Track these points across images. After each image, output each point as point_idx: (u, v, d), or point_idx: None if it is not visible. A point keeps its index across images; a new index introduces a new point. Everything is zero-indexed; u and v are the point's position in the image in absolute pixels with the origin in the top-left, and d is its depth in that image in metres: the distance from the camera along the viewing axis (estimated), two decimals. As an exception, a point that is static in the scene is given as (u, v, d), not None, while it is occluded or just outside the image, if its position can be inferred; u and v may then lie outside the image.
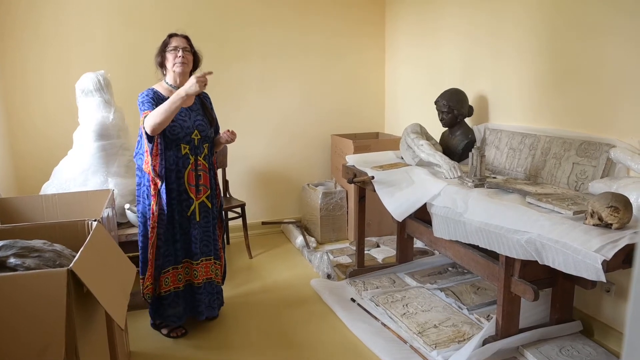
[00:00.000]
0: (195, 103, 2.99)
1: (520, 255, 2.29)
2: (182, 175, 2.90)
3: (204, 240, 3.05)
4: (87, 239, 2.02)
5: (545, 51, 3.10)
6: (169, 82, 2.91)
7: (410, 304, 3.26)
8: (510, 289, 2.60)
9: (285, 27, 4.83)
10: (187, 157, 2.90)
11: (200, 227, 3.00)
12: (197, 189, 2.96)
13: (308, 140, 5.11)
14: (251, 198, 4.93)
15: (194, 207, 2.95)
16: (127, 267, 2.30)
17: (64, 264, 1.94)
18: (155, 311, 3.04)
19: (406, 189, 3.14)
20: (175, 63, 2.84)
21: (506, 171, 3.23)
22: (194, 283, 3.05)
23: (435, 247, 3.33)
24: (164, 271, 2.95)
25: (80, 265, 1.80)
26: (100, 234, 2.20)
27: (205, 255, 3.07)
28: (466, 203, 2.66)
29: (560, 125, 3.01)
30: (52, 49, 4.14)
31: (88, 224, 2.33)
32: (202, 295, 3.06)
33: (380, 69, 5.25)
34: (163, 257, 2.93)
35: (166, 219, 2.88)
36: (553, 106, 3.07)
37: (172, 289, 3.00)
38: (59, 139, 4.03)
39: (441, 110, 3.54)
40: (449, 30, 4.08)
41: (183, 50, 2.86)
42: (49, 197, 2.96)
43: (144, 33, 4.26)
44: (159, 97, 2.83)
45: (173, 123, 2.80)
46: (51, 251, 2.09)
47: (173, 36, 2.90)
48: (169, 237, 2.94)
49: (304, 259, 4.30)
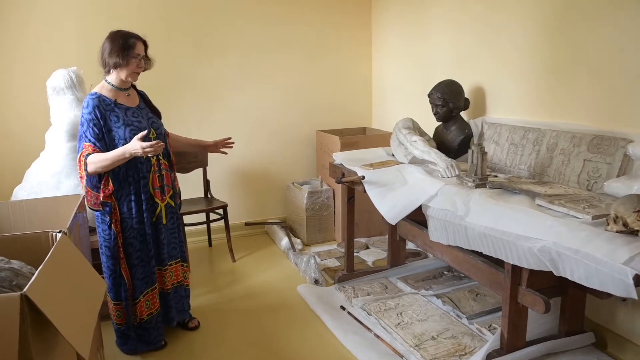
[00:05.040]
0: (140, 101, 2.78)
1: (532, 265, 2.05)
2: (147, 182, 2.68)
3: (172, 243, 2.89)
4: (48, 255, 1.76)
5: (549, 37, 2.86)
6: (112, 82, 2.64)
7: (405, 313, 3.02)
8: (517, 300, 2.36)
9: (265, 19, 4.56)
10: (149, 159, 2.68)
11: (167, 230, 2.82)
12: (162, 191, 2.75)
13: (292, 137, 4.85)
14: (234, 198, 4.67)
15: (159, 209, 2.74)
16: (95, 282, 2.04)
17: (22, 285, 1.69)
18: (140, 340, 2.78)
19: (399, 189, 2.89)
20: (134, 73, 2.62)
21: (507, 169, 2.99)
22: (164, 290, 2.87)
23: (431, 251, 3.09)
24: (144, 294, 2.75)
25: (37, 288, 1.55)
26: (64, 247, 1.94)
27: (174, 258, 2.91)
28: (467, 205, 2.41)
29: (568, 118, 2.77)
30: (22, 44, 3.90)
31: (52, 236, 2.07)
32: (172, 301, 2.90)
33: (366, 61, 4.99)
34: (140, 279, 2.73)
35: (138, 236, 2.69)
36: (559, 97, 2.83)
37: (154, 310, 2.79)
38: (31, 140, 3.75)
39: (435, 104, 3.30)
40: (438, 19, 3.86)
41: (143, 58, 2.64)
42: (16, 203, 2.72)
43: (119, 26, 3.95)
44: (106, 104, 2.58)
45: (130, 126, 2.59)
46: (7, 269, 1.84)
47: (137, 40, 2.62)
48: (144, 256, 2.73)
49: (289, 262, 4.05)
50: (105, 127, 2.54)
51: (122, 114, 2.59)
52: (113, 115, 2.56)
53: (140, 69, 2.63)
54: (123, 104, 2.63)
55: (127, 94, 2.67)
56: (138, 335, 2.77)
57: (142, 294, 2.72)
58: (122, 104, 2.62)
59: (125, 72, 2.59)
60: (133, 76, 2.63)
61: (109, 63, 2.58)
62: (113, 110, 2.57)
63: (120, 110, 2.59)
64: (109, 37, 2.60)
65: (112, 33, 2.61)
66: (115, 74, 2.61)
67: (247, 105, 4.62)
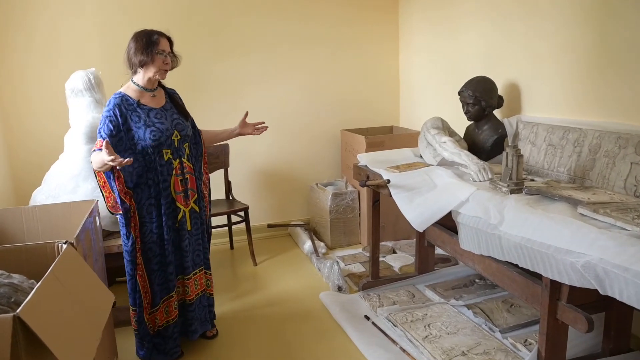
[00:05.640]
0: (166, 101, 2.67)
1: (574, 282, 1.86)
2: (168, 186, 2.57)
3: (196, 251, 2.76)
4: (48, 270, 1.66)
5: (592, 29, 2.64)
6: (139, 82, 2.55)
7: (433, 325, 2.84)
8: (556, 316, 2.17)
9: (288, 15, 4.42)
10: (170, 162, 2.58)
11: (191, 236, 2.70)
12: (186, 195, 2.64)
13: (316, 136, 4.70)
14: (256, 199, 4.55)
15: (182, 215, 2.62)
16: (102, 295, 1.95)
17: (20, 301, 1.59)
18: (156, 349, 2.69)
19: (427, 193, 2.71)
20: (161, 70, 2.52)
21: (545, 171, 2.78)
22: (186, 301, 2.75)
23: (461, 259, 2.90)
24: (163, 300, 2.65)
25: (32, 308, 1.47)
26: (69, 259, 1.85)
27: (198, 266, 2.79)
28: (501, 213, 2.22)
29: (613, 117, 2.55)
30: (41, 45, 3.85)
31: (58, 247, 1.97)
32: (195, 312, 2.77)
33: (393, 56, 4.80)
34: (159, 285, 2.63)
35: (158, 241, 2.59)
36: (602, 95, 2.61)
37: (172, 319, 2.68)
38: (51, 142, 3.70)
39: (466, 102, 3.11)
40: (469, 14, 3.66)
41: (169, 55, 2.54)
42: (29, 209, 2.68)
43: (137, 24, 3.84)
44: (129, 104, 2.50)
45: (151, 127, 2.50)
46: (7, 285, 1.75)
47: (160, 36, 2.52)
48: (164, 261, 2.62)
49: (312, 267, 3.91)
50: (124, 125, 2.46)
51: (144, 115, 2.51)
52: (134, 115, 2.49)
53: (167, 65, 2.53)
54: (146, 104, 2.54)
55: (152, 94, 2.58)
56: (154, 344, 2.68)
57: (162, 300, 2.63)
58: (145, 105, 2.54)
59: (152, 69, 2.50)
60: (161, 74, 2.53)
61: (135, 62, 2.50)
62: (135, 110, 2.49)
63: (142, 111, 2.51)
64: (133, 37, 2.53)
65: (135, 33, 2.54)
66: (142, 73, 2.52)
67: (270, 103, 4.49)
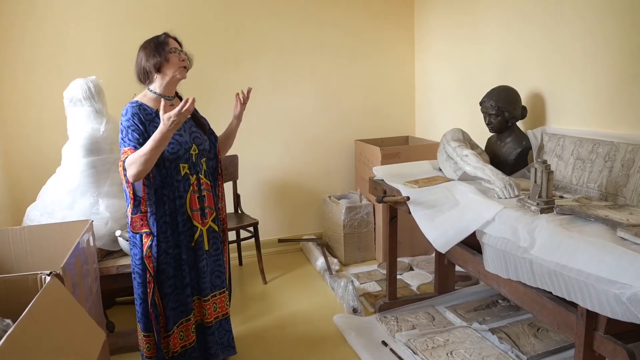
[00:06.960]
0: None
1: (617, 315, 1.67)
2: (184, 203, 2.40)
3: (215, 272, 2.58)
4: (26, 309, 1.49)
5: (623, 37, 2.46)
6: (156, 90, 2.38)
7: (456, 352, 2.66)
8: (592, 347, 1.98)
9: (300, 21, 4.29)
10: (187, 178, 2.40)
11: (210, 257, 2.53)
12: (203, 213, 2.47)
13: (329, 147, 4.54)
14: (266, 212, 4.40)
15: (199, 234, 2.45)
16: (91, 332, 1.77)
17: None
18: None
19: (449, 211, 2.54)
20: (180, 67, 2.35)
21: (574, 187, 2.60)
22: (204, 323, 2.57)
23: (485, 280, 2.71)
24: (178, 324, 2.47)
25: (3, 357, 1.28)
26: (53, 294, 1.69)
27: (218, 288, 2.60)
28: (532, 235, 2.05)
29: (649, 130, 2.38)
30: (42, 52, 3.73)
31: (41, 279, 1.80)
32: (214, 336, 2.59)
33: (409, 65, 4.64)
34: (173, 309, 2.44)
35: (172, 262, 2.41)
36: (636, 106, 2.44)
37: (188, 343, 2.51)
38: (50, 154, 3.55)
39: (488, 113, 2.94)
40: (488, 20, 3.51)
41: (181, 52, 2.39)
42: (17, 231, 2.51)
43: (143, 31, 3.73)
44: (147, 114, 2.32)
45: (170, 140, 2.29)
46: (-24, 327, 1.58)
47: (166, 36, 2.39)
48: (178, 283, 2.44)
49: (325, 285, 3.74)
50: (142, 136, 2.28)
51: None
52: (152, 125, 2.29)
53: (184, 62, 2.36)
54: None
55: (170, 103, 2.37)
56: None
57: (176, 324, 2.45)
58: None
59: (169, 70, 2.34)
60: (181, 72, 2.36)
61: (149, 69, 2.34)
62: (153, 120, 2.31)
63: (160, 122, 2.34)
64: (140, 48, 2.39)
65: (141, 44, 2.40)
66: (160, 78, 2.36)
67: (281, 111, 4.35)
